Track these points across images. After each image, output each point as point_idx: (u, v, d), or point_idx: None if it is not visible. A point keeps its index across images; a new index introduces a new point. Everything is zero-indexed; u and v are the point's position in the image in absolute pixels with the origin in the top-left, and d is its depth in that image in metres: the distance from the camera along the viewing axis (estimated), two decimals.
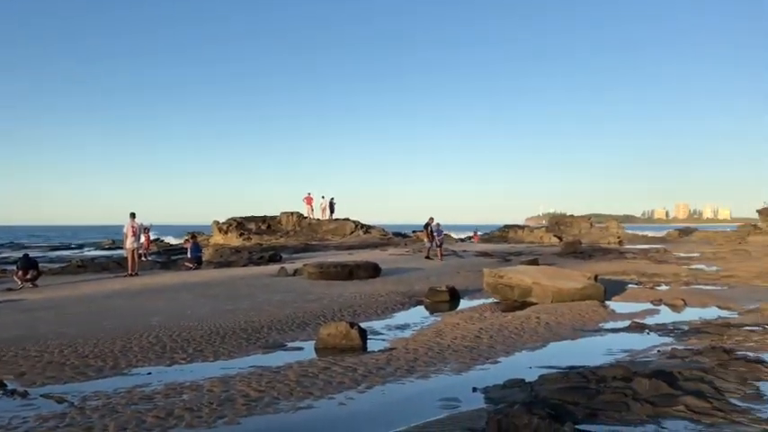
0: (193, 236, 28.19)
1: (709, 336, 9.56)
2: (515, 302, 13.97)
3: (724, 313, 12.31)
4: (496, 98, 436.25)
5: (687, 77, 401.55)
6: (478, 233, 54.85)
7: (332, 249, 33.08)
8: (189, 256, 24.26)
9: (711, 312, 12.47)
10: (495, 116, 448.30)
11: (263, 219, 42.29)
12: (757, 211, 48.15)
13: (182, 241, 43.94)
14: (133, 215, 20.42)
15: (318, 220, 43.38)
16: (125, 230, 20.39)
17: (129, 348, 8.82)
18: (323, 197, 44.77)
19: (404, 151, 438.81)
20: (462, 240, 51.16)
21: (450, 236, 46.42)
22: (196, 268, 22.80)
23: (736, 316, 11.80)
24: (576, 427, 4.79)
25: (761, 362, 7.31)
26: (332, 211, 44.34)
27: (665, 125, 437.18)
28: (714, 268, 23.21)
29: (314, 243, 36.65)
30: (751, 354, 7.91)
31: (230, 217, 41.25)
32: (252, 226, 40.78)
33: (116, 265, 23.53)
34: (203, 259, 25.43)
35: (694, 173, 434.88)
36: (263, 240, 37.84)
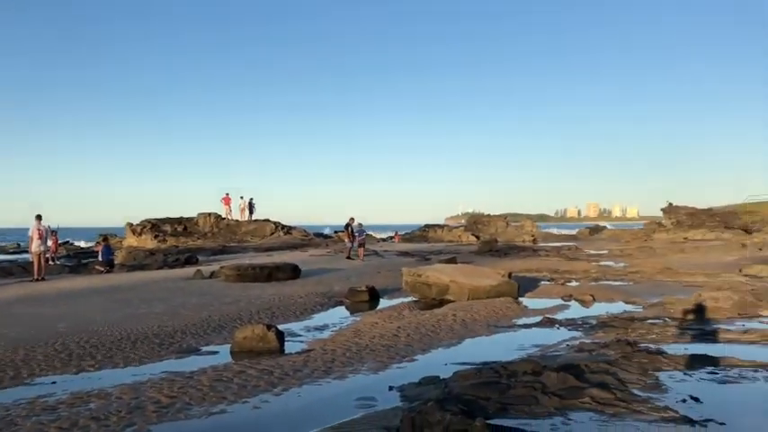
0: (105, 238, 27.15)
1: (614, 329, 10.00)
2: (433, 300, 14.19)
3: (629, 307, 12.91)
4: (417, 100, 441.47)
5: (597, 82, 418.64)
6: (399, 233, 55.38)
7: (251, 251, 32.64)
8: (100, 259, 23.40)
9: (618, 307, 13.05)
10: (417, 117, 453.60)
11: (179, 220, 41.22)
12: (662, 209, 50.79)
13: (92, 244, 42.19)
14: (39, 217, 19.48)
15: (237, 221, 42.69)
16: (30, 233, 19.42)
17: (32, 357, 8.38)
18: (242, 197, 44.19)
19: (326, 152, 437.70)
20: (383, 240, 51.53)
21: (371, 236, 46.69)
22: (108, 272, 22.01)
23: (641, 310, 12.39)
24: (487, 421, 4.88)
25: (661, 353, 7.72)
26: (251, 211, 43.76)
27: (578, 129, 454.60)
28: (621, 264, 24.30)
29: (232, 245, 36.05)
30: (652, 346, 8.34)
31: (144, 218, 40.00)
32: (167, 228, 39.67)
33: (21, 270, 22.44)
34: (115, 262, 24.60)
35: (605, 173, 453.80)
36: (179, 242, 36.93)
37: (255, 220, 42.87)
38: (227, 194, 43.17)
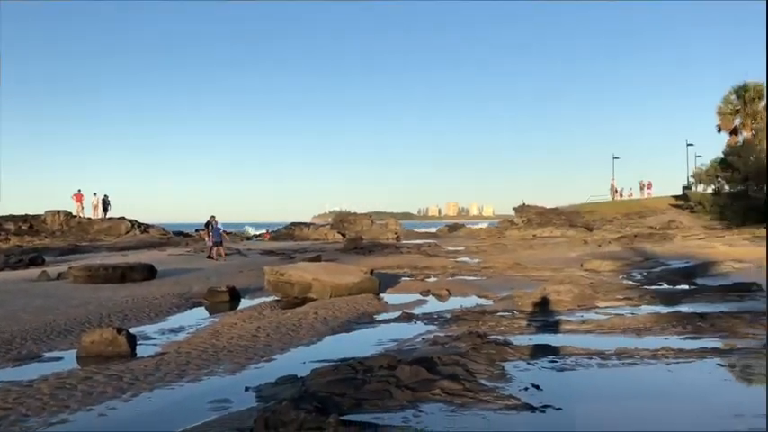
0: None
1: (467, 322, 10.48)
2: (296, 299, 14.14)
3: (481, 301, 13.57)
4: (285, 97, 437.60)
5: (457, 86, 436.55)
6: (269, 231, 54.65)
7: (104, 250, 30.86)
8: None
9: (471, 301, 13.69)
10: (286, 115, 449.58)
11: (25, 218, 38.17)
12: (514, 208, 53.81)
13: None
14: None
15: (90, 219, 40.28)
16: None
17: None
18: (95, 194, 41.70)
19: (190, 146, 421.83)
20: (248, 239, 50.61)
21: (236, 234, 45.78)
22: None
23: (491, 303, 13.04)
24: (342, 417, 4.97)
25: (507, 344, 8.20)
26: (105, 209, 41.49)
27: (439, 130, 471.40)
28: (476, 260, 25.41)
29: (84, 244, 33.90)
30: (500, 337, 8.82)
31: None
32: (10, 226, 36.61)
33: None
34: None
35: (464, 174, 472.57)
36: (24, 241, 34.19)
37: (110, 218, 40.65)
38: (79, 191, 40.66)
